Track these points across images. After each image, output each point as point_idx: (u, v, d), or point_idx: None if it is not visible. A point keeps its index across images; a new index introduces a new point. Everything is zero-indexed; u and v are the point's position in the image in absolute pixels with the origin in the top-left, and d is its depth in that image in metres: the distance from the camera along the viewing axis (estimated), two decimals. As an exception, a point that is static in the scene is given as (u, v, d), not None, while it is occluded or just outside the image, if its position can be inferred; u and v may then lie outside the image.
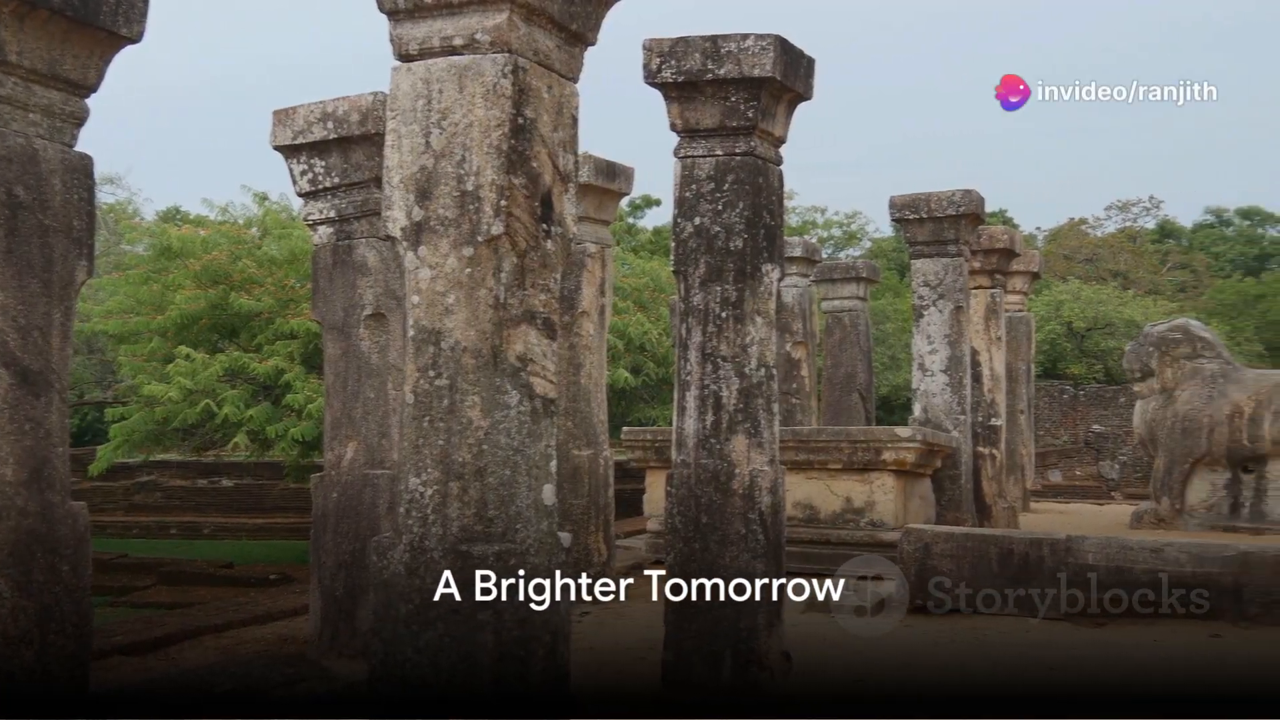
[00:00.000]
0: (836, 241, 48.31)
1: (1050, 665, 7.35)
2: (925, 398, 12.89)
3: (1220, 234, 63.53)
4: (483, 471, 4.29)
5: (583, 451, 9.97)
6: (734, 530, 6.49)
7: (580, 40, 4.75)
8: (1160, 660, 7.47)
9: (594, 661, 7.21)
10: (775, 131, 6.79)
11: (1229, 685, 6.85)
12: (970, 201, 12.75)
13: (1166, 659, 7.50)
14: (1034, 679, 6.97)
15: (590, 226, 10.09)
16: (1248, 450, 15.60)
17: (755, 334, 6.59)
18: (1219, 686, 6.82)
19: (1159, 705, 6.41)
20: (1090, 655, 7.63)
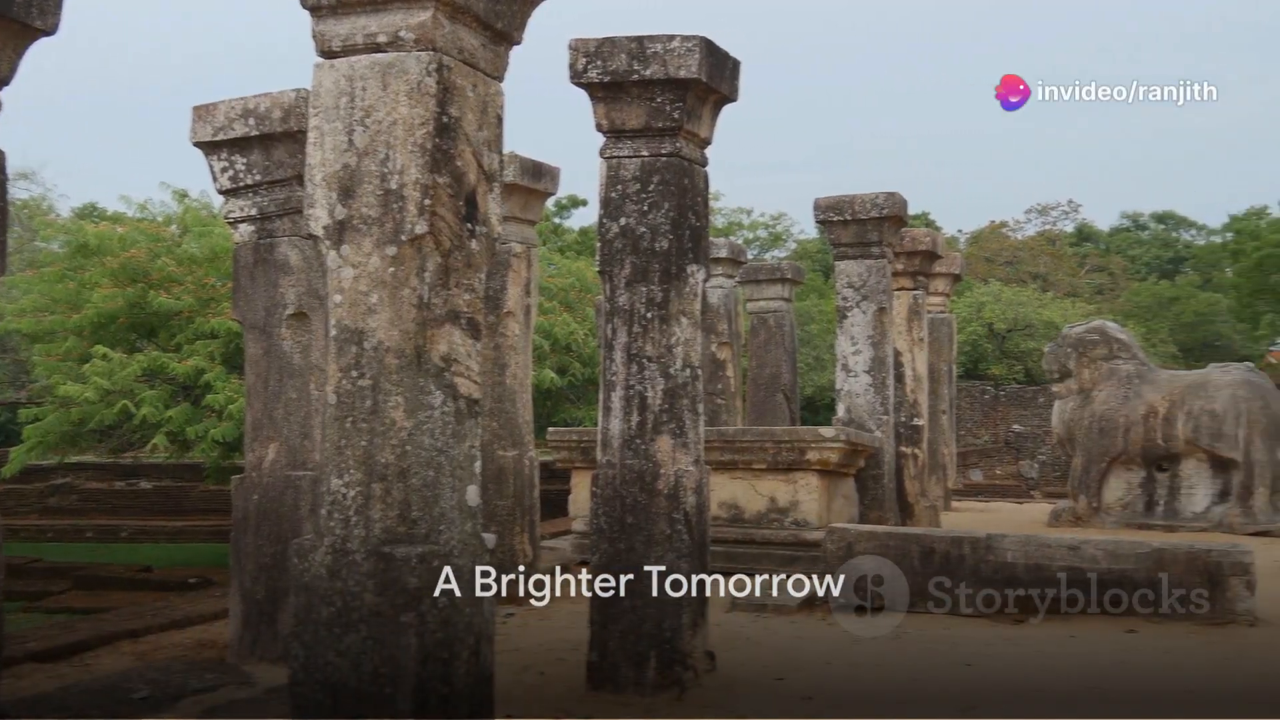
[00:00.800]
0: (762, 243, 48.59)
1: (968, 662, 7.44)
2: (849, 398, 13.00)
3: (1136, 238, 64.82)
4: (406, 472, 4.25)
5: (508, 452, 9.93)
6: (659, 530, 6.50)
7: (505, 39, 4.73)
8: (1075, 656, 7.60)
9: (519, 663, 7.18)
10: (701, 133, 6.81)
11: (1141, 680, 6.98)
12: (893, 204, 12.88)
13: (1081, 655, 7.63)
14: (952, 676, 7.05)
15: (516, 226, 10.05)
16: (1162, 449, 15.93)
17: (680, 334, 6.60)
18: (1131, 681, 6.94)
19: (1072, 702, 6.52)
20: (1007, 652, 7.74)
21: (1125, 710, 6.34)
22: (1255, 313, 41.28)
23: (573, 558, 11.70)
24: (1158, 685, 6.85)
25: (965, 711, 6.27)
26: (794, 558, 11.12)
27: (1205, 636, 8.16)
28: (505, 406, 9.94)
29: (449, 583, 4.32)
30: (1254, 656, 7.60)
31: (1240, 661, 7.47)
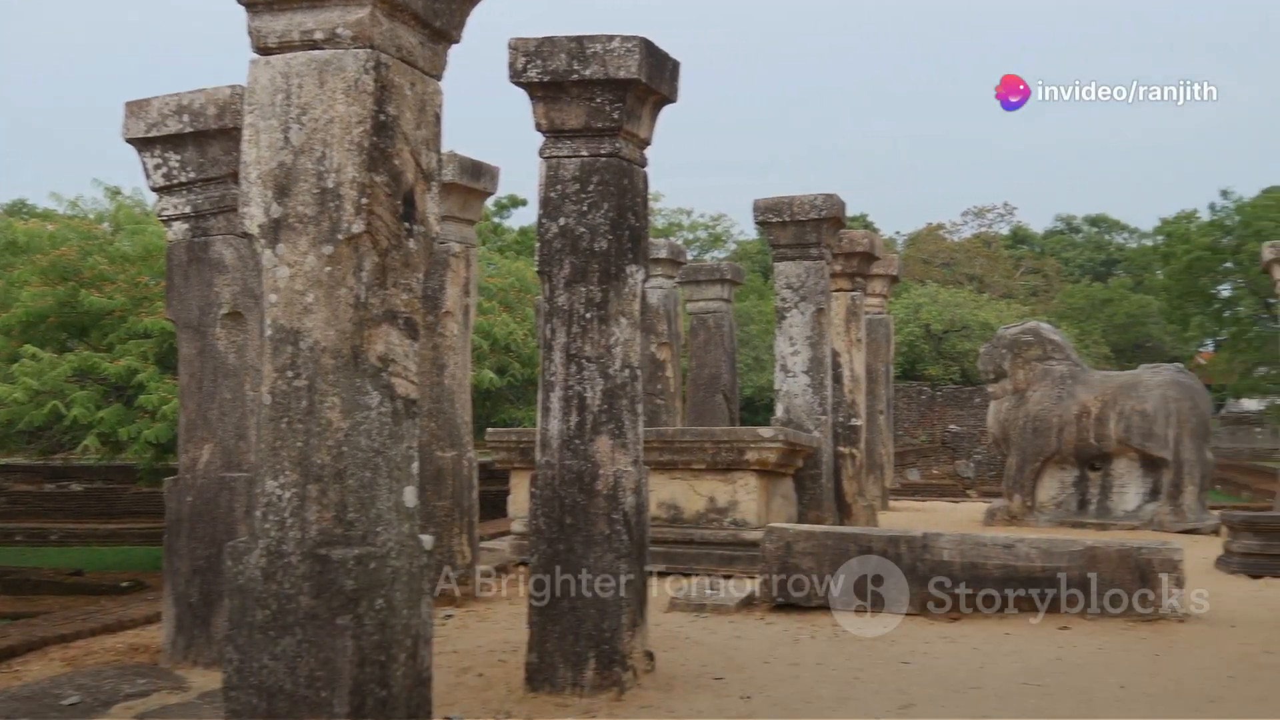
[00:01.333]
0: (702, 244, 48.73)
1: (905, 659, 7.50)
2: (787, 398, 13.07)
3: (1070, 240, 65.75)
4: (342, 474, 4.22)
5: (446, 453, 9.88)
6: (598, 531, 6.50)
7: (444, 37, 4.70)
8: (1010, 653, 7.69)
9: (458, 664, 7.15)
10: (640, 133, 6.82)
11: (1075, 676, 7.07)
12: (832, 206, 12.96)
13: (1017, 652, 7.72)
14: (890, 673, 7.11)
15: (454, 226, 10.00)
16: (1094, 449, 16.16)
17: (620, 335, 6.60)
18: (1066, 677, 7.03)
19: (1008, 698, 6.59)
20: (944, 649, 7.81)
21: (1060, 707, 6.42)
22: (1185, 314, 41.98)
23: (512, 559, 11.67)
24: (1091, 681, 6.94)
25: (903, 708, 6.33)
26: (733, 557, 11.16)
27: (1136, 633, 8.29)
28: (444, 407, 9.88)
29: (386, 584, 4.29)
30: (1183, 652, 7.73)
31: (1170, 657, 7.59)
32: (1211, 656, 7.61)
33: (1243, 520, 11.93)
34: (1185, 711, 6.34)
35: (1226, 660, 7.51)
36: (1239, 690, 6.78)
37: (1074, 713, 6.31)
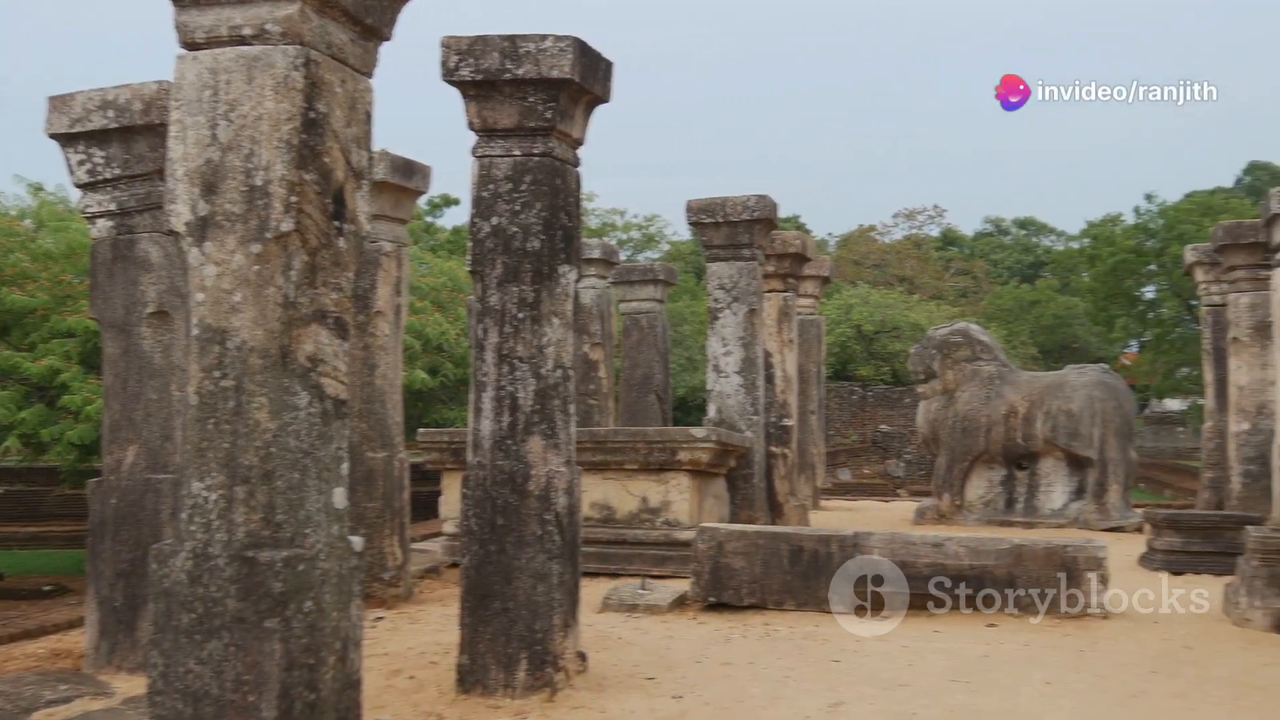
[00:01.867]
0: (635, 244, 48.76)
1: (836, 658, 7.56)
2: (720, 399, 13.11)
3: (999, 242, 66.61)
4: (270, 475, 4.17)
5: (377, 454, 9.80)
6: (530, 531, 6.48)
7: (375, 35, 4.66)
8: (939, 650, 7.77)
9: (388, 667, 7.10)
10: (573, 133, 6.80)
11: (1003, 672, 7.16)
12: (764, 207, 13.03)
13: (945, 649, 7.81)
14: (821, 672, 7.15)
15: (386, 225, 9.93)
16: (1022, 448, 16.38)
17: (552, 335, 6.59)
18: (994, 674, 7.12)
19: (937, 694, 6.66)
20: (875, 647, 7.87)
21: (987, 703, 6.49)
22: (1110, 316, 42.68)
23: (444, 560, 11.61)
24: (1017, 677, 7.03)
25: (833, 706, 6.37)
26: (665, 557, 11.18)
27: (1062, 629, 8.41)
28: (374, 407, 9.81)
29: (315, 587, 4.25)
30: (1107, 648, 7.86)
31: (1094, 653, 7.71)
32: (1134, 652, 7.74)
33: (1165, 518, 12.15)
34: (1109, 706, 6.44)
35: (1149, 656, 7.64)
36: (1160, 685, 6.90)
37: (1000, 708, 6.38)
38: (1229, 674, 7.17)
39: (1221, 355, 15.88)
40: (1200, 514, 12.77)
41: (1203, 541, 11.70)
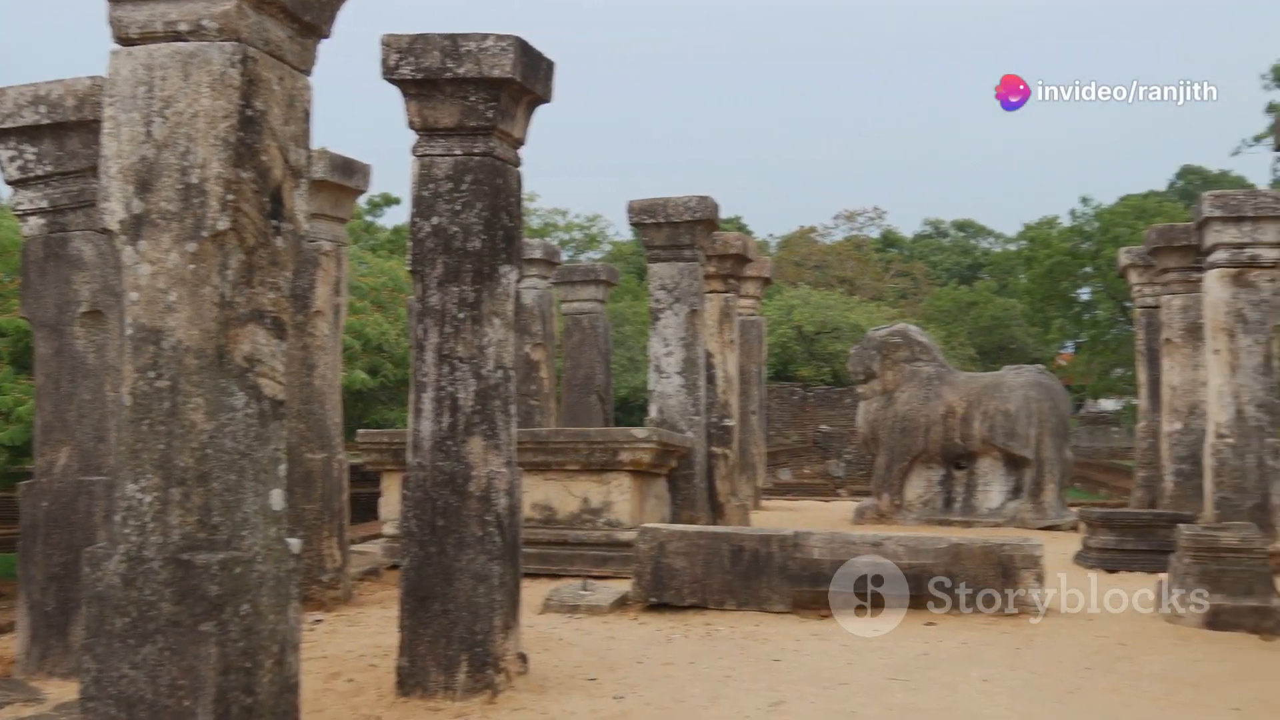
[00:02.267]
0: (577, 244, 48.70)
1: (777, 657, 7.59)
2: (661, 399, 13.13)
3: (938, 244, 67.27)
4: (206, 476, 4.12)
5: (316, 455, 9.71)
6: (470, 533, 6.45)
7: (314, 32, 4.62)
8: (878, 649, 7.83)
9: (327, 670, 7.03)
10: (515, 133, 6.78)
11: (941, 670, 7.22)
12: (706, 208, 13.06)
13: (884, 648, 7.86)
14: (762, 671, 7.18)
15: (325, 224, 9.85)
16: (960, 448, 16.55)
17: (493, 335, 6.56)
18: (932, 671, 7.18)
19: (876, 692, 6.71)
20: (815, 646, 7.92)
21: (926, 700, 6.55)
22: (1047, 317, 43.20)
23: (384, 561, 11.53)
24: (955, 675, 7.10)
25: (774, 705, 6.39)
26: (607, 558, 11.17)
27: (999, 627, 8.50)
28: (313, 408, 9.72)
29: (252, 590, 4.20)
30: (1043, 645, 7.95)
31: (1030, 650, 7.80)
32: (1070, 649, 7.84)
33: (1100, 517, 12.32)
34: (1044, 702, 6.52)
35: (1084, 653, 7.74)
36: (1095, 681, 7.00)
37: (939, 706, 6.44)
38: (1162, 670, 7.28)
39: (1155, 356, 16.13)
40: (1134, 512, 12.97)
41: (1136, 540, 11.88)
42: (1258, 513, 11.55)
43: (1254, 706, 6.44)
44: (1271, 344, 11.91)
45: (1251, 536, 8.72)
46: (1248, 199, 11.86)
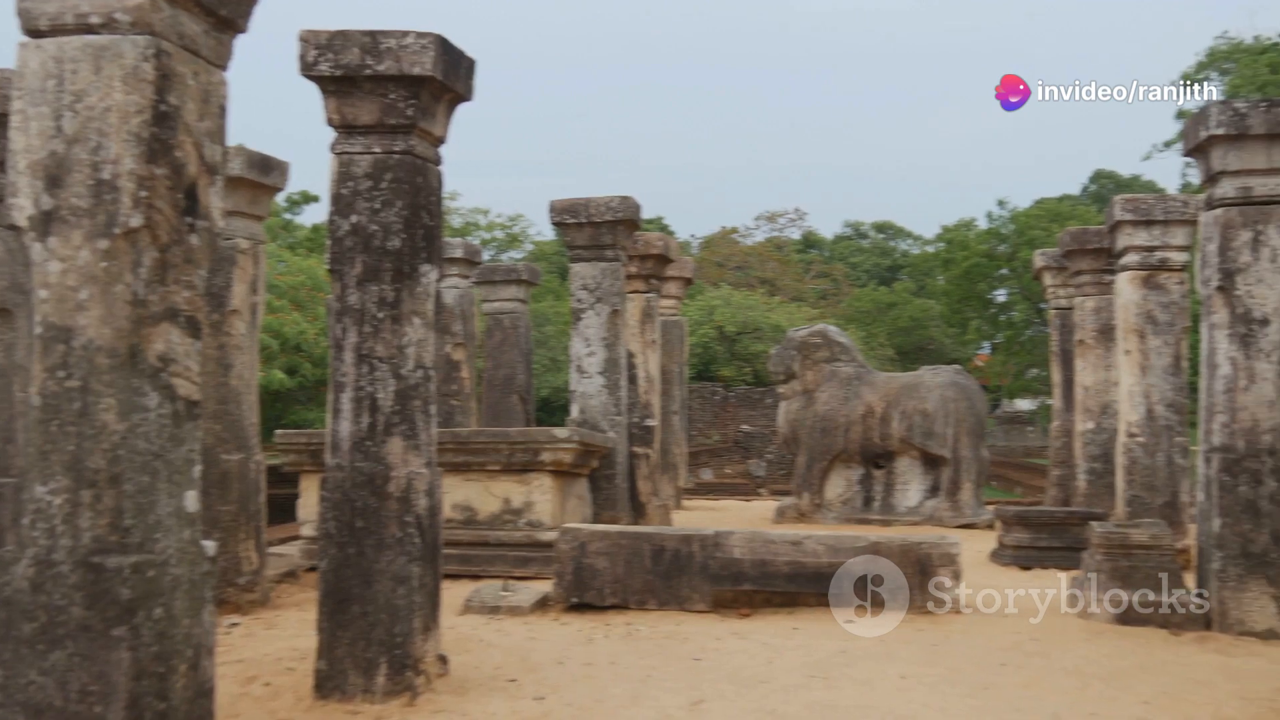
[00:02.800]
0: (499, 244, 48.54)
1: (698, 656, 7.62)
2: (583, 399, 13.12)
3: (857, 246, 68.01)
4: (118, 478, 4.05)
5: (232, 456, 9.58)
6: (390, 534, 6.39)
7: (230, 26, 4.56)
8: (798, 647, 7.89)
9: (243, 674, 6.93)
10: (435, 131, 6.74)
11: (858, 667, 7.29)
12: (628, 208, 13.07)
13: (804, 646, 7.92)
14: (683, 670, 7.20)
15: (242, 221, 9.72)
16: (879, 447, 16.72)
17: (413, 335, 6.52)
18: (850, 668, 7.25)
19: (796, 690, 6.76)
20: (735, 645, 7.96)
21: (843, 697, 6.61)
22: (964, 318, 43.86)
23: (302, 564, 11.38)
24: (873, 672, 7.17)
25: (694, 704, 6.42)
26: (528, 559, 11.14)
27: (916, 624, 8.60)
28: (229, 408, 9.58)
29: (166, 593, 4.14)
30: (959, 642, 8.07)
31: (947, 647, 7.91)
32: (985, 645, 7.96)
33: (1015, 515, 12.53)
34: (960, 697, 6.61)
35: (999, 648, 7.86)
36: (1009, 677, 7.11)
37: (857, 703, 6.50)
38: (1074, 664, 7.41)
39: (1068, 357, 16.41)
40: (1048, 510, 13.18)
41: (1050, 537, 12.10)
42: (1167, 510, 11.80)
43: (1162, 699, 6.58)
44: (1181, 345, 12.17)
45: (1161, 533, 8.91)
46: (1158, 203, 12.11)
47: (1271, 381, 8.33)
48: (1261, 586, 8.25)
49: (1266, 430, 8.32)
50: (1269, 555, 8.27)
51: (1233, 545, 8.32)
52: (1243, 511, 8.31)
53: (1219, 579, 8.35)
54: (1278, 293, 8.36)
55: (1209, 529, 8.47)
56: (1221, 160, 8.40)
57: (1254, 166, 8.36)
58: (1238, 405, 8.37)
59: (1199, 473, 8.79)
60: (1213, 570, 8.40)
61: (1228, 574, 8.32)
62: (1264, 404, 8.32)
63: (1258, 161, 8.35)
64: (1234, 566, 8.32)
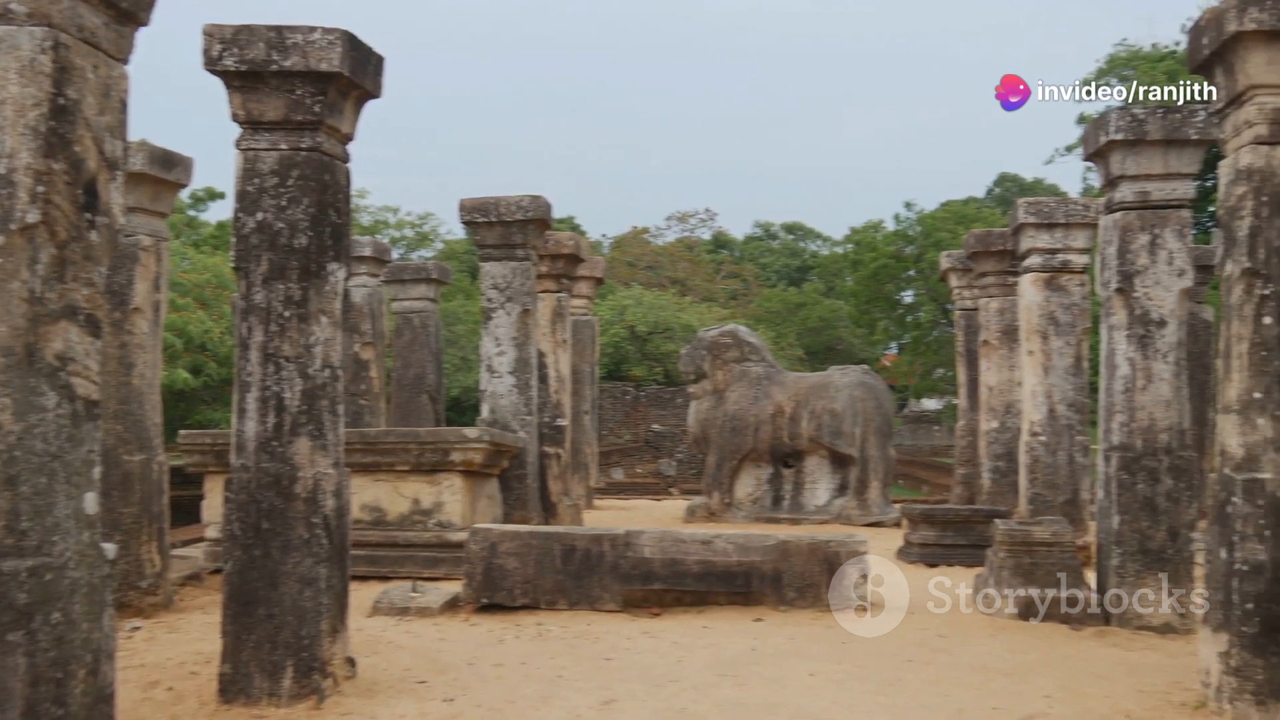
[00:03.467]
0: (409, 242, 48.16)
1: (608, 655, 7.62)
2: (493, 399, 13.07)
3: (767, 246, 68.53)
4: (14, 480, 3.95)
5: (134, 456, 9.39)
6: (297, 535, 6.31)
7: (131, 19, 4.47)
8: (708, 646, 7.93)
9: (145, 679, 6.80)
10: (343, 128, 6.67)
11: (768, 664, 7.35)
12: (538, 207, 13.04)
13: (714, 644, 7.97)
14: (594, 670, 7.20)
15: (144, 218, 9.54)
16: (788, 447, 16.87)
17: (320, 334, 6.44)
18: (759, 666, 7.31)
19: (707, 688, 6.80)
20: (646, 644, 7.98)
21: (753, 695, 6.66)
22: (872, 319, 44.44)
23: (206, 566, 11.20)
24: (782, 670, 7.24)
25: (605, 704, 6.42)
26: (438, 559, 11.07)
27: (825, 622, 8.69)
28: (131, 408, 9.39)
29: (64, 597, 4.04)
30: (866, 639, 8.16)
31: (855, 644, 8.00)
32: (892, 642, 8.07)
33: (921, 513, 12.71)
34: (867, 693, 6.69)
35: (905, 645, 7.98)
36: (916, 673, 7.21)
37: (766, 700, 6.55)
38: (978, 660, 7.54)
39: (973, 357, 16.67)
40: (953, 508, 13.39)
41: (955, 535, 12.29)
42: (1068, 508, 12.04)
43: (1062, 693, 6.72)
44: (1082, 346, 12.42)
45: (1062, 531, 9.09)
46: (1059, 206, 12.36)
47: (1168, 382, 8.55)
48: (1159, 582, 8.46)
49: (1164, 429, 8.53)
50: (1166, 552, 8.48)
51: (1131, 542, 8.52)
52: (1141, 509, 8.51)
53: (1118, 575, 8.54)
54: (1174, 295, 8.58)
55: (1108, 526, 8.66)
56: (1120, 165, 8.60)
57: (1151, 171, 8.57)
58: (1136, 405, 8.57)
59: (1099, 471, 8.99)
60: (1112, 566, 8.60)
61: (1126, 570, 8.52)
62: (1161, 404, 8.53)
63: (1155, 167, 8.56)
64: (1132, 563, 8.52)
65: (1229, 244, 5.97)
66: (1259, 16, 5.63)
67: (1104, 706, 6.46)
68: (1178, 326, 8.62)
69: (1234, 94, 5.92)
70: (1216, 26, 5.87)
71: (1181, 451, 8.55)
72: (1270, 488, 5.71)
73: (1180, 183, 8.63)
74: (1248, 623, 5.81)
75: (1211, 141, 8.24)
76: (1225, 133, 6.13)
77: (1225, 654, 5.91)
